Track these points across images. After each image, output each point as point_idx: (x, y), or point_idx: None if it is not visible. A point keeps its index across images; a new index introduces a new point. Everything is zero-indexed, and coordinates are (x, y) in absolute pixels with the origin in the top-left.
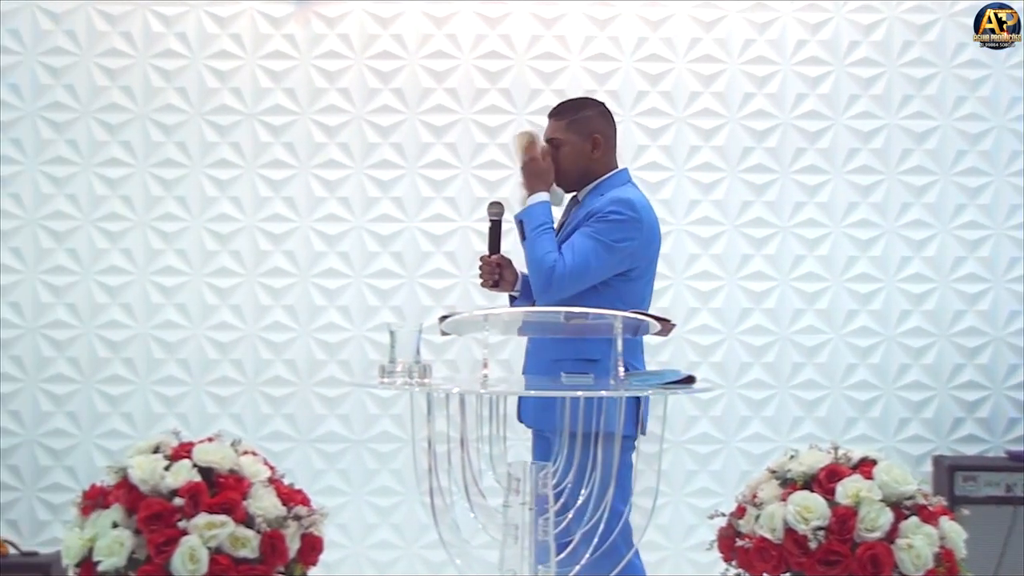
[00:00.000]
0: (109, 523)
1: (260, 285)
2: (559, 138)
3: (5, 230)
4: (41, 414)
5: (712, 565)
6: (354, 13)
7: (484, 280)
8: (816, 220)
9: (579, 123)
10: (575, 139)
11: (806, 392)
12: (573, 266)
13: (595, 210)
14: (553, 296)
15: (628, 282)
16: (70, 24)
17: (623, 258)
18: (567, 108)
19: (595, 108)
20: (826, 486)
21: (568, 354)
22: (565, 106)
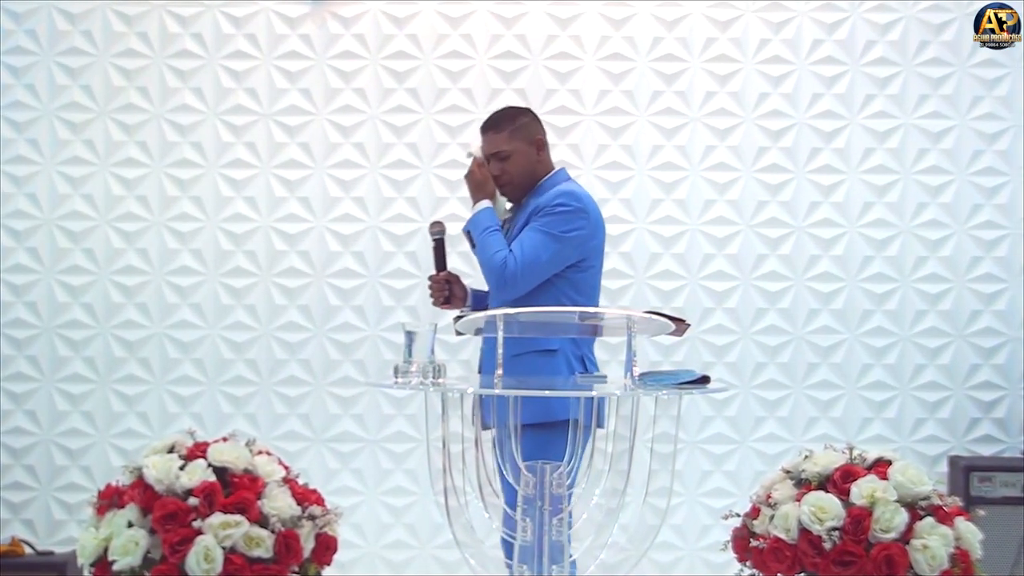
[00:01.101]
0: (124, 523)
1: (275, 285)
2: (505, 149)
3: (22, 230)
4: (57, 414)
5: (726, 565)
6: (370, 13)
7: (435, 299)
8: (831, 220)
9: (520, 131)
10: (521, 146)
11: (821, 392)
12: (524, 261)
13: (540, 205)
14: (509, 293)
15: (581, 272)
16: (87, 24)
17: (573, 248)
18: (503, 119)
19: (528, 114)
20: (841, 486)
21: (527, 347)
22: (500, 117)
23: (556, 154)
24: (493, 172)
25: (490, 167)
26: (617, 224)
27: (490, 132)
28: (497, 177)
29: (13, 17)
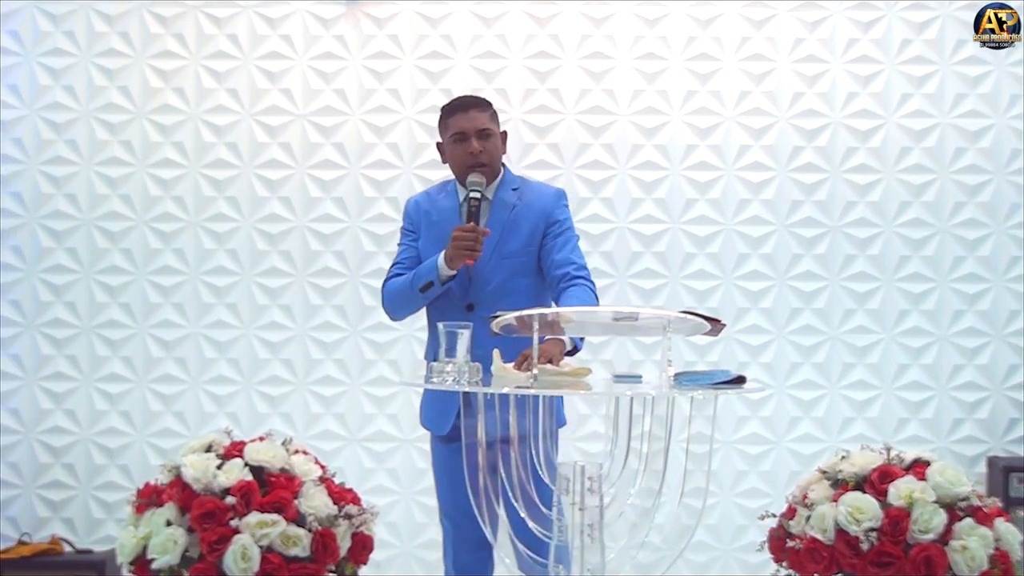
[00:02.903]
0: (163, 521)
1: (310, 285)
2: (491, 128)
3: (61, 230)
4: (96, 413)
5: (762, 566)
6: (403, 13)
7: (468, 249)
8: (867, 219)
9: (496, 117)
10: (497, 131)
11: (857, 392)
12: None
13: (548, 208)
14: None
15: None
16: (123, 26)
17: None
18: (485, 101)
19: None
20: (878, 487)
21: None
22: (481, 99)
23: (591, 154)
24: (475, 149)
25: (471, 143)
26: (651, 224)
27: (475, 109)
28: (478, 155)
29: (51, 19)
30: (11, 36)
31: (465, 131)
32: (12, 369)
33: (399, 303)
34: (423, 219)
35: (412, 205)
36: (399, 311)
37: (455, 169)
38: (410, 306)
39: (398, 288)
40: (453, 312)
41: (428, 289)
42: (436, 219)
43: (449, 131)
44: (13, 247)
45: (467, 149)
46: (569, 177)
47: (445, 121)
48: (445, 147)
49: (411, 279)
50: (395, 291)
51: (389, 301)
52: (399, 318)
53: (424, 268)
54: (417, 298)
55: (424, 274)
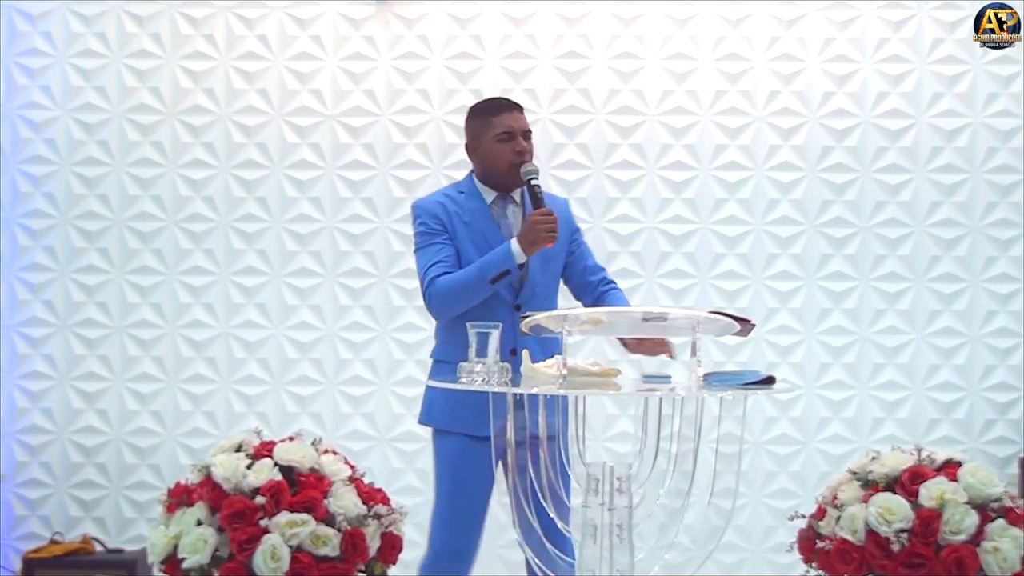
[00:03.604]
0: (193, 521)
1: (339, 285)
2: (530, 130)
3: (93, 231)
4: (127, 413)
5: (791, 567)
6: (433, 14)
7: (551, 232)
8: (898, 219)
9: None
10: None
11: (887, 393)
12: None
13: (567, 216)
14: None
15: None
16: (154, 27)
17: None
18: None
19: None
20: (909, 488)
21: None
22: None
23: (620, 154)
24: (523, 148)
25: (519, 142)
26: (680, 224)
27: (518, 111)
28: (523, 154)
29: (83, 20)
30: (43, 37)
31: (513, 130)
32: (45, 369)
33: (460, 298)
34: (454, 220)
35: (435, 207)
36: (455, 307)
37: (495, 167)
38: (472, 300)
39: (460, 282)
40: (500, 313)
41: (501, 279)
42: (468, 220)
43: (494, 130)
44: (46, 247)
45: (515, 148)
46: (598, 177)
47: (489, 120)
48: (483, 146)
49: (478, 270)
50: (455, 285)
51: (447, 297)
52: (449, 316)
53: (495, 258)
54: (484, 290)
55: (497, 263)
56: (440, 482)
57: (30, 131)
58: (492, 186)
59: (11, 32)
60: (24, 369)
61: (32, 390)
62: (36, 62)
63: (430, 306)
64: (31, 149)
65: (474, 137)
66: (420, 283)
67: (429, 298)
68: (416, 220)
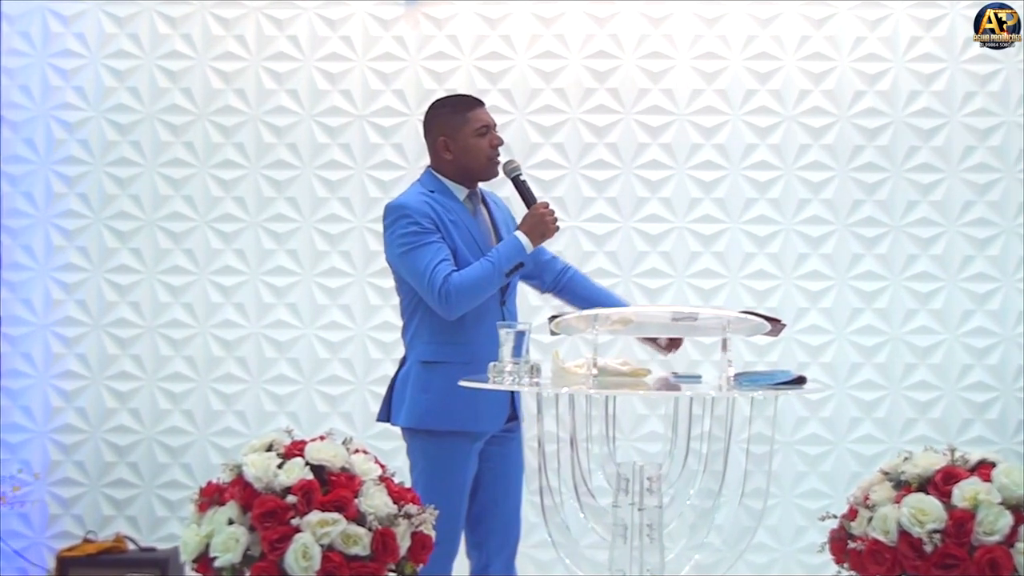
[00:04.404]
0: (225, 520)
1: (369, 285)
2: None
3: (125, 231)
4: (159, 412)
5: (822, 567)
6: (463, 14)
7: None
8: (930, 219)
9: None
10: None
11: (919, 393)
12: None
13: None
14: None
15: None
16: (186, 28)
17: None
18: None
19: None
20: (942, 488)
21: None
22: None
23: (648, 154)
24: (499, 141)
25: (496, 136)
26: (710, 224)
27: (485, 106)
28: (499, 146)
29: (115, 21)
30: (77, 38)
31: (489, 123)
32: (79, 368)
33: (478, 293)
34: (443, 218)
35: (423, 206)
36: (473, 303)
37: (473, 162)
38: (487, 294)
39: (477, 277)
40: (490, 303)
41: (515, 271)
42: (453, 219)
43: (471, 125)
44: (79, 247)
45: (491, 142)
46: (628, 177)
47: (464, 115)
48: (459, 141)
49: (495, 264)
50: (474, 281)
51: (466, 293)
52: (464, 311)
53: (505, 252)
54: (499, 283)
55: (511, 256)
56: (433, 483)
57: (64, 132)
58: (464, 182)
59: (45, 33)
60: (58, 368)
61: (66, 389)
62: (69, 63)
63: (446, 303)
64: (65, 150)
65: (447, 133)
66: (423, 282)
67: (445, 295)
68: (402, 220)
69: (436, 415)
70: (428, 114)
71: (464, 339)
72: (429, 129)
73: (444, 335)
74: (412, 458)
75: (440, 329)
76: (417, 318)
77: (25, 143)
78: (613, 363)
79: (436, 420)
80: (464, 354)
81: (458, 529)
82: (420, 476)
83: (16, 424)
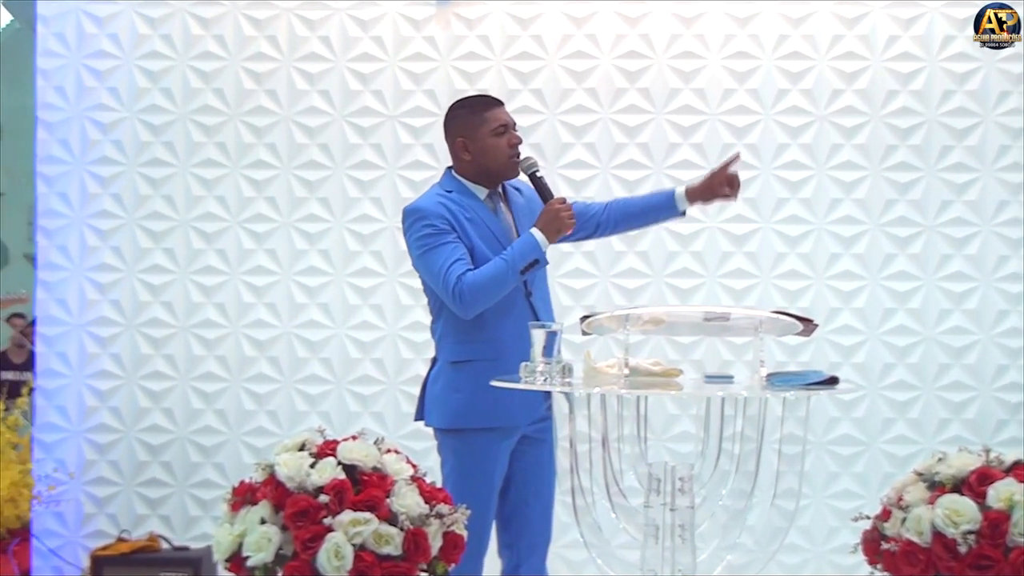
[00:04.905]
0: (257, 519)
1: (401, 285)
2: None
3: (159, 231)
4: (192, 411)
5: (854, 568)
6: (494, 14)
7: (571, 221)
8: (964, 219)
9: None
10: None
11: (953, 394)
12: None
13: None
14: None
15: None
16: (219, 29)
17: None
18: None
19: None
20: (977, 489)
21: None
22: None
23: (681, 154)
24: (519, 140)
25: (514, 135)
26: (742, 224)
27: (503, 105)
28: (519, 145)
29: (149, 22)
30: (111, 40)
31: (508, 123)
32: (113, 368)
33: (492, 292)
34: (459, 217)
35: (438, 207)
36: (487, 301)
37: (492, 162)
38: (502, 293)
39: (490, 276)
40: (515, 297)
41: (530, 269)
42: (470, 216)
43: (489, 124)
44: (113, 248)
45: (510, 141)
46: (659, 177)
47: (482, 115)
48: (478, 141)
49: (509, 262)
50: (487, 280)
51: (480, 292)
52: (479, 311)
53: (520, 249)
54: (514, 281)
55: (526, 253)
56: (463, 480)
57: (98, 132)
58: (484, 183)
59: (79, 34)
60: (93, 368)
61: (101, 389)
62: (104, 64)
63: (460, 303)
64: (99, 150)
65: (466, 134)
66: (439, 283)
67: (459, 295)
68: (419, 223)
69: (467, 414)
70: (447, 115)
71: (489, 336)
72: (448, 130)
73: (470, 334)
74: (443, 456)
75: (465, 328)
76: (443, 318)
77: (60, 144)
78: (645, 363)
79: (467, 419)
80: (491, 351)
81: (487, 527)
82: (451, 474)
83: (51, 424)
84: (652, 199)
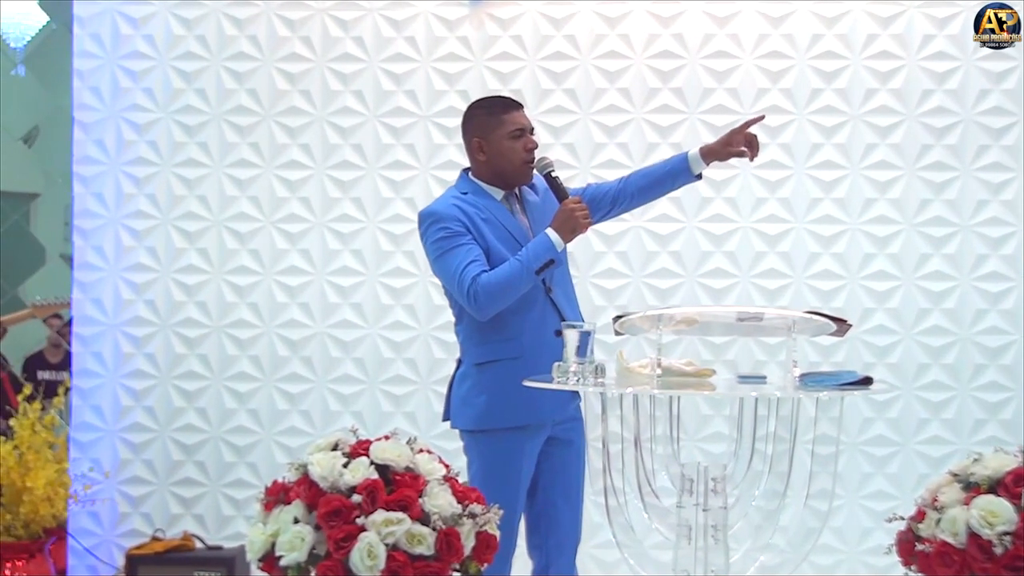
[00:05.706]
0: (290, 519)
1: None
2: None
3: (193, 231)
4: (225, 411)
5: (888, 569)
6: (527, 14)
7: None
8: (1000, 218)
9: None
10: None
11: (989, 394)
12: None
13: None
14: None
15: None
16: (252, 29)
17: None
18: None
19: None
20: (1013, 490)
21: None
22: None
23: None
24: (535, 144)
25: (531, 139)
26: (774, 224)
27: (522, 109)
28: (535, 150)
29: (183, 23)
30: (146, 41)
31: (525, 127)
32: (148, 368)
33: (507, 292)
34: (474, 219)
35: (452, 209)
36: (502, 302)
37: (507, 165)
38: (518, 293)
39: (506, 277)
40: (535, 294)
41: (545, 269)
42: (486, 217)
43: (506, 127)
44: (148, 248)
45: (526, 144)
46: None
47: (500, 117)
48: (494, 143)
49: (524, 263)
50: (502, 281)
51: (495, 293)
52: (495, 312)
53: (534, 250)
54: (530, 282)
55: (541, 253)
56: (489, 480)
57: (133, 133)
58: (499, 184)
59: (115, 35)
60: (128, 368)
61: (135, 388)
62: (139, 65)
63: (475, 304)
64: (134, 151)
65: (482, 135)
66: (454, 285)
67: (474, 296)
68: (434, 226)
69: (492, 414)
70: (465, 114)
71: (510, 335)
72: (466, 129)
73: (491, 334)
74: (469, 458)
75: (486, 328)
76: (465, 320)
77: (96, 144)
78: (677, 363)
79: (493, 419)
80: (514, 349)
81: (515, 527)
82: (476, 474)
83: (87, 423)
84: (666, 166)
